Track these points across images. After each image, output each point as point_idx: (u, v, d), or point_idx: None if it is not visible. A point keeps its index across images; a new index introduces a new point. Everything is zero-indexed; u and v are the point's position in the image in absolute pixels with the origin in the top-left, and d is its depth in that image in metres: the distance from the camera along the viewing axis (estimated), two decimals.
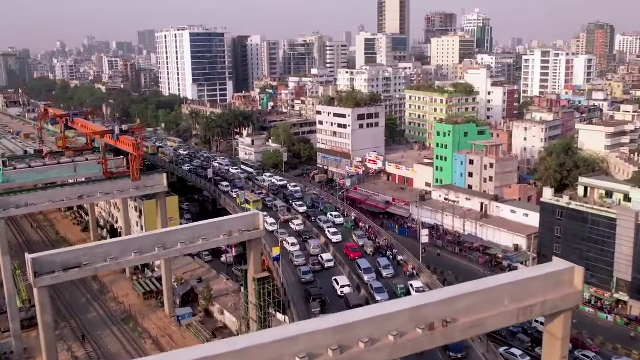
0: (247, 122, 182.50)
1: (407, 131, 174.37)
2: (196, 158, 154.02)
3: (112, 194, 70.17)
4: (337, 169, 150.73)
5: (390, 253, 75.11)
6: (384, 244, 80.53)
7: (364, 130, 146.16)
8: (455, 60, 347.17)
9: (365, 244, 78.83)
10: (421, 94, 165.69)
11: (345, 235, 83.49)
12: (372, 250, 76.54)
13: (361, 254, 74.66)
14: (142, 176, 71.38)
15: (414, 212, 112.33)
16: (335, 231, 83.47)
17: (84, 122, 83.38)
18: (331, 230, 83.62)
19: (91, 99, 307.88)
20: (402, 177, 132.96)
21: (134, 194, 73.77)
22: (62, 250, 47.73)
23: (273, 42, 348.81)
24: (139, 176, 65.83)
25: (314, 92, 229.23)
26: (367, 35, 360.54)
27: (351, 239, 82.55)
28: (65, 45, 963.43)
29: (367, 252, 75.95)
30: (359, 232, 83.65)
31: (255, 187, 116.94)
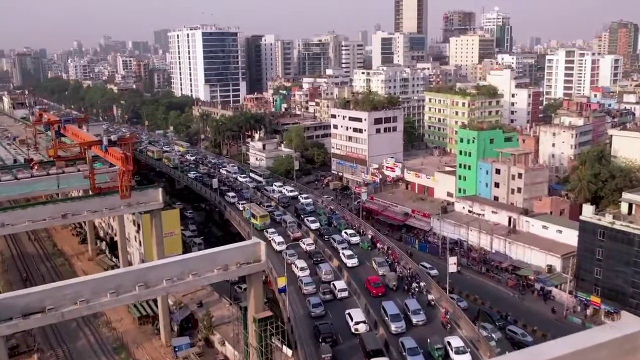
0: (259, 125, 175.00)
1: (427, 135, 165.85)
2: (203, 164, 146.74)
3: (101, 211, 62.92)
4: (352, 175, 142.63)
5: (416, 285, 65.85)
6: (407, 272, 71.49)
7: (380, 135, 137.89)
8: (474, 60, 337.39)
9: (386, 273, 69.50)
10: (441, 96, 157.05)
11: (361, 258, 75.13)
12: (395, 283, 67.13)
13: (384, 289, 64.82)
14: (134, 191, 64.00)
15: (436, 225, 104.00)
16: (351, 254, 75.21)
17: (75, 130, 76.20)
18: (346, 253, 75.22)
19: (102, 99, 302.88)
20: (421, 186, 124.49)
21: (125, 212, 66.50)
22: (22, 292, 40.15)
23: (287, 41, 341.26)
24: (129, 193, 58.50)
25: (329, 94, 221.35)
26: (384, 35, 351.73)
27: (370, 266, 73.45)
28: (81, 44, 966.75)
29: (390, 285, 66.40)
30: (379, 259, 74.27)
31: (263, 198, 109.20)
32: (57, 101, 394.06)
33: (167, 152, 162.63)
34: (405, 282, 67.81)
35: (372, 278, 66.54)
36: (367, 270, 72.57)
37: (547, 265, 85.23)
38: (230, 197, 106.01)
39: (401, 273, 70.29)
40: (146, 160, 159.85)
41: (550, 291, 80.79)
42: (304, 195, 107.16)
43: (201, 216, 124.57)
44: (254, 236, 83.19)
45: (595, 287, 75.11)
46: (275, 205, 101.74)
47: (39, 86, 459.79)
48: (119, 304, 42.47)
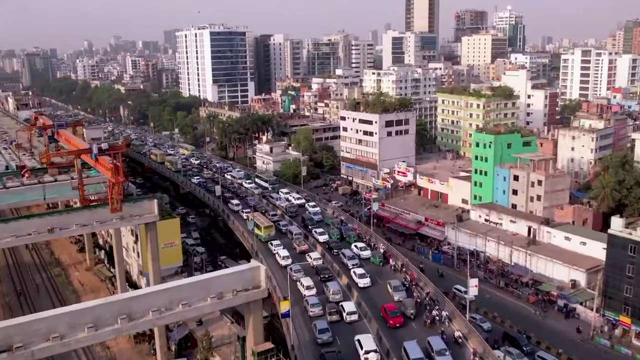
0: (266, 127, 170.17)
1: (439, 138, 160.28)
2: (207, 168, 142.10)
3: (91, 225, 58.18)
4: (363, 180, 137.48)
5: (437, 313, 59.35)
6: (425, 296, 65.11)
7: (392, 138, 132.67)
8: (487, 59, 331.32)
9: (403, 299, 62.71)
10: (455, 97, 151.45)
11: (373, 276, 69.39)
12: (413, 311, 60.10)
13: (402, 319, 58.57)
14: (128, 203, 59.27)
15: (450, 234, 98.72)
16: (362, 272, 69.13)
17: (68, 136, 71.74)
18: (357, 272, 69.37)
19: (109, 100, 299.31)
20: (435, 192, 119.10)
21: (117, 225, 61.85)
22: None
23: (296, 41, 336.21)
24: (119, 206, 53.83)
25: (338, 94, 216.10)
26: (395, 34, 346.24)
27: (384, 287, 67.29)
28: (92, 44, 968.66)
29: (407, 313, 59.85)
30: (394, 282, 66.83)
31: (269, 205, 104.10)
32: (65, 101, 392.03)
33: (170, 155, 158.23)
34: (425, 309, 61.40)
35: (388, 306, 59.94)
36: (380, 291, 66.68)
37: (570, 280, 79.74)
38: (234, 204, 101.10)
39: (419, 298, 64.05)
40: (149, 163, 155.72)
41: (575, 309, 75.35)
42: (311, 204, 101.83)
43: (204, 222, 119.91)
44: (257, 249, 78.62)
45: (625, 305, 69.60)
46: (281, 214, 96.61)
47: (48, 86, 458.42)
48: (98, 340, 37.70)
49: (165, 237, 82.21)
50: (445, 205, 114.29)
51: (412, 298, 63.44)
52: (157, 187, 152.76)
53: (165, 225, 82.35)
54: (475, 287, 60.31)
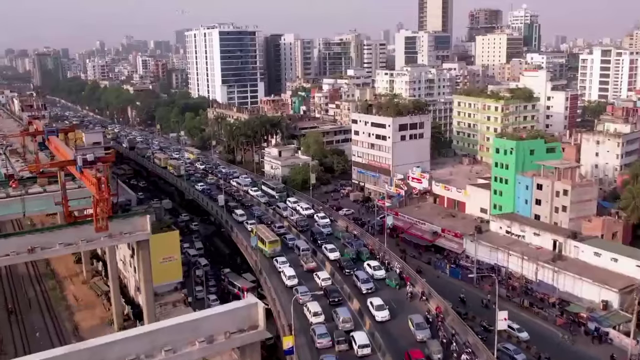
0: (275, 130, 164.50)
1: (455, 142, 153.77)
2: (213, 174, 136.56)
3: (76, 244, 52.81)
4: (375, 186, 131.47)
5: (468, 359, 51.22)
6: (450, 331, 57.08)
7: (406, 143, 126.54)
8: (502, 59, 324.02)
9: (427, 340, 54.36)
10: (472, 99, 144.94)
11: (394, 310, 60.60)
12: (441, 356, 51.86)
13: None
14: (117, 220, 53.84)
15: (469, 247, 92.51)
16: (380, 304, 60.08)
17: (57, 144, 66.52)
18: (375, 303, 60.37)
19: (117, 100, 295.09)
20: (451, 200, 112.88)
21: (106, 244, 56.40)
22: None
23: (307, 40, 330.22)
24: (105, 225, 48.40)
25: (350, 95, 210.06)
26: (408, 34, 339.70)
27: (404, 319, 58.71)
28: (104, 44, 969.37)
29: (435, 359, 51.80)
30: (417, 318, 57.78)
31: (275, 216, 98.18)
32: (74, 102, 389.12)
33: (174, 159, 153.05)
34: (453, 353, 53.19)
35: (413, 352, 51.55)
36: (399, 325, 58.49)
37: (602, 301, 73.29)
38: (238, 215, 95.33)
39: (445, 337, 55.57)
40: (153, 168, 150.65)
41: (607, 333, 68.83)
42: (320, 215, 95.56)
43: (208, 230, 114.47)
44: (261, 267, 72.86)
45: None
46: (288, 226, 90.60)
47: (58, 86, 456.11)
48: None
49: (163, 250, 77.11)
50: (462, 215, 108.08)
51: (437, 339, 55.38)
52: (162, 192, 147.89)
53: (164, 239, 77.21)
54: (505, 321, 53.90)
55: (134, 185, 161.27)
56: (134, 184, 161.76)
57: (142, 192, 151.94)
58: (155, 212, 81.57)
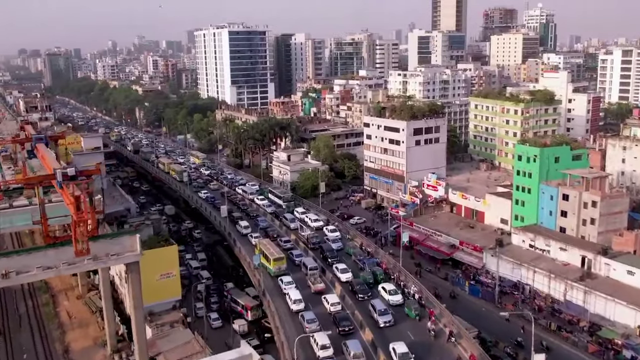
0: (284, 133, 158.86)
1: (471, 146, 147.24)
2: (218, 180, 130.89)
3: (57, 268, 47.34)
4: (388, 193, 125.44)
5: None
6: None
7: (421, 148, 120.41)
8: (517, 60, 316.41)
9: None
10: (489, 102, 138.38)
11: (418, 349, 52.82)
12: None
13: None
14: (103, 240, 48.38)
15: (489, 262, 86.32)
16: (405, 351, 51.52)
17: (44, 153, 61.21)
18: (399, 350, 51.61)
19: (125, 101, 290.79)
20: (469, 209, 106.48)
21: (89, 267, 50.80)
22: None
23: (318, 40, 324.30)
24: (86, 248, 42.99)
25: (362, 97, 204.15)
26: (421, 33, 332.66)
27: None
28: (116, 44, 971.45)
29: None
30: None
31: (282, 227, 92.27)
32: (83, 102, 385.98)
33: (179, 163, 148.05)
34: None
35: None
36: None
37: (638, 326, 66.90)
38: (242, 226, 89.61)
39: None
40: (156, 173, 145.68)
41: None
42: (330, 228, 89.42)
43: (212, 238, 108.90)
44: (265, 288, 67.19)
45: None
46: (295, 239, 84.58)
47: (67, 86, 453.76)
48: None
49: (161, 266, 71.78)
50: (481, 225, 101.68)
51: None
52: (166, 195, 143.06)
53: (162, 254, 71.88)
54: None
55: (136, 188, 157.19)
56: (136, 186, 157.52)
57: (144, 195, 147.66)
58: (154, 223, 76.39)
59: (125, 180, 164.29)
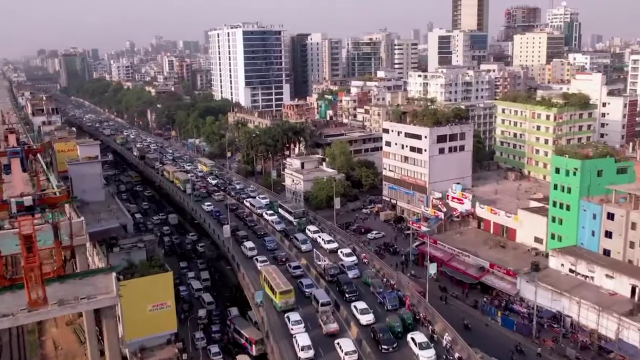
0: (298, 138, 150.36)
1: (498, 153, 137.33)
2: (225, 190, 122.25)
3: (14, 316, 39.11)
4: (409, 204, 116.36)
5: None
6: None
7: (445, 156, 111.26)
8: (541, 60, 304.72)
9: None
10: (519, 106, 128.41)
11: None
12: None
13: None
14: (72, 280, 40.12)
15: (524, 288, 77.02)
16: None
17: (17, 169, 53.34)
18: None
19: (138, 102, 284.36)
20: (498, 225, 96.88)
21: (54, 314, 42.55)
22: None
23: (335, 40, 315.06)
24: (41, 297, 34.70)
25: (380, 99, 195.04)
26: (442, 32, 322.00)
27: None
28: (134, 44, 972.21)
29: None
30: None
31: (292, 248, 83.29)
32: (97, 103, 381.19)
33: (185, 171, 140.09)
34: None
35: None
36: None
37: None
38: (247, 248, 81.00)
39: None
40: (160, 182, 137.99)
41: None
42: (346, 251, 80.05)
43: (214, 252, 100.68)
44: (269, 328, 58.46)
45: None
46: (306, 265, 75.56)
47: (82, 87, 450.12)
48: None
49: (154, 296, 63.51)
50: (512, 244, 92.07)
51: None
52: (170, 202, 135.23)
53: (155, 282, 63.65)
54: None
55: (139, 193, 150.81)
56: (139, 191, 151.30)
57: (147, 202, 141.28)
58: (147, 246, 68.18)
59: (129, 185, 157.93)
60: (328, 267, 73.24)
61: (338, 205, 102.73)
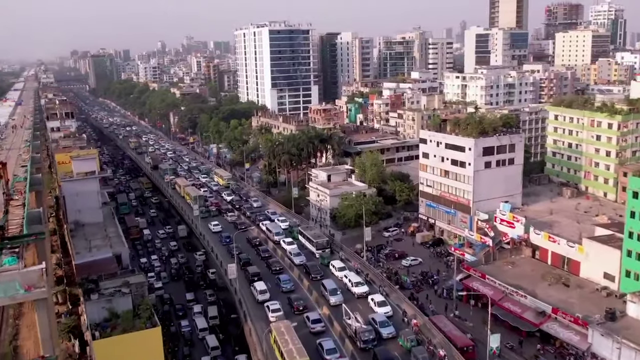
0: (325, 146, 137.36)
1: (549, 164, 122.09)
2: (240, 209, 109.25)
3: None
4: (449, 225, 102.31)
5: None
6: None
7: (491, 171, 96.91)
8: (586, 59, 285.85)
9: None
10: (575, 113, 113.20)
11: None
12: None
13: None
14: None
15: (598, 342, 62.43)
16: None
17: None
18: None
19: (161, 105, 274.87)
20: (558, 256, 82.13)
21: None
22: None
23: (366, 39, 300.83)
24: None
25: (415, 102, 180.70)
26: (479, 30, 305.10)
27: None
28: (165, 45, 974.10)
29: None
30: None
31: (312, 292, 69.18)
32: (123, 105, 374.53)
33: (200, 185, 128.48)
34: None
35: None
36: None
37: None
38: (258, 291, 67.73)
39: None
40: (171, 196, 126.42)
41: None
42: (377, 298, 65.70)
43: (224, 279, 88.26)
44: None
45: None
46: (328, 316, 62.00)
47: (109, 88, 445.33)
48: None
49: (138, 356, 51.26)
50: (577, 280, 77.28)
51: None
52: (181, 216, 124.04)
53: (140, 339, 51.42)
54: None
55: (148, 199, 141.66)
56: (148, 197, 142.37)
57: (155, 210, 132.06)
58: (133, 291, 55.78)
59: (138, 192, 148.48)
60: (361, 330, 58.12)
61: (369, 236, 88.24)
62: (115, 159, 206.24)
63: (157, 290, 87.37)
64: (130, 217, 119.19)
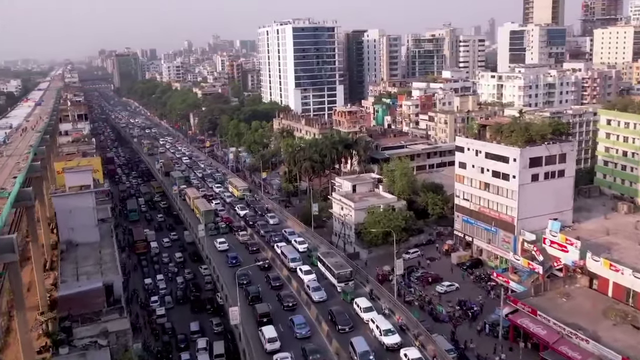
0: (350, 152, 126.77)
1: (600, 174, 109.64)
2: (254, 226, 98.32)
3: None
4: (489, 245, 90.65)
5: None
6: None
7: (539, 185, 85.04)
8: (627, 57, 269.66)
9: None
10: (631, 118, 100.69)
11: None
12: None
13: None
14: None
15: None
16: None
17: None
18: None
19: (182, 105, 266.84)
20: (620, 287, 70.08)
21: None
22: None
23: (394, 37, 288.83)
24: None
25: (447, 104, 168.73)
26: (514, 27, 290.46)
27: None
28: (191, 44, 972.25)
29: None
30: None
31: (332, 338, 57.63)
32: (145, 105, 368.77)
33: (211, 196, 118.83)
34: None
35: None
36: None
37: None
38: (266, 337, 56.76)
39: None
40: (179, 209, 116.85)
41: None
42: (413, 355, 53.91)
43: None
44: None
45: None
46: None
47: (132, 88, 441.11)
48: None
49: None
50: None
51: None
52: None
53: None
54: None
55: (157, 204, 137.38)
56: (157, 202, 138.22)
57: (163, 215, 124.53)
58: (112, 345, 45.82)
59: (148, 197, 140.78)
60: None
61: (400, 270, 76.33)
62: (131, 162, 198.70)
63: (159, 317, 77.99)
64: (137, 229, 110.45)
